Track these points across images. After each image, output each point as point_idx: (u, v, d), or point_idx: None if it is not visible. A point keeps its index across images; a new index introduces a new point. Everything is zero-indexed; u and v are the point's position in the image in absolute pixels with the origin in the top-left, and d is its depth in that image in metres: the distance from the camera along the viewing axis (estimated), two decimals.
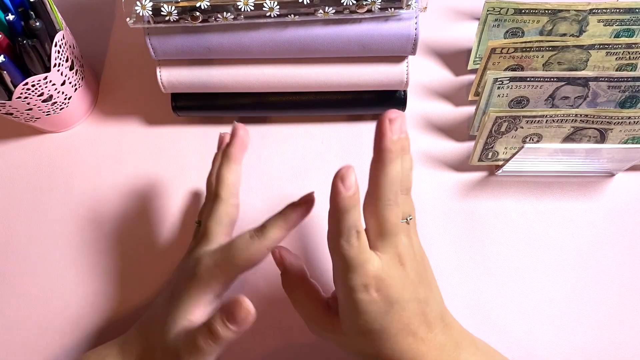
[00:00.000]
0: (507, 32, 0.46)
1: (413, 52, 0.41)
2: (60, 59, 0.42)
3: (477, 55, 0.48)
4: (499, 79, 0.41)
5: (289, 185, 0.47)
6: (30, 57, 0.40)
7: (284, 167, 0.48)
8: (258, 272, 0.44)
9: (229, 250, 0.34)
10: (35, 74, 0.41)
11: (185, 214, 0.47)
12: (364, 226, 0.31)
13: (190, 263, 0.35)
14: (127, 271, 0.45)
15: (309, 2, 0.37)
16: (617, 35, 0.46)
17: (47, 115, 0.46)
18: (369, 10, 0.38)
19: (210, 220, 0.36)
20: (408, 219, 0.33)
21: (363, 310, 0.30)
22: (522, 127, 0.43)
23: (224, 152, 0.37)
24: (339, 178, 0.29)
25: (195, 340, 0.31)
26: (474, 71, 0.50)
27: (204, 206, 0.40)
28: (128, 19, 0.38)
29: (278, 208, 0.46)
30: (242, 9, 0.38)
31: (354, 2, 0.38)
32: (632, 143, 0.44)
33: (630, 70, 0.45)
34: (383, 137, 0.30)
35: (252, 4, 0.37)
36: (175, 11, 0.37)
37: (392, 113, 0.30)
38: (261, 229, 0.34)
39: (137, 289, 0.44)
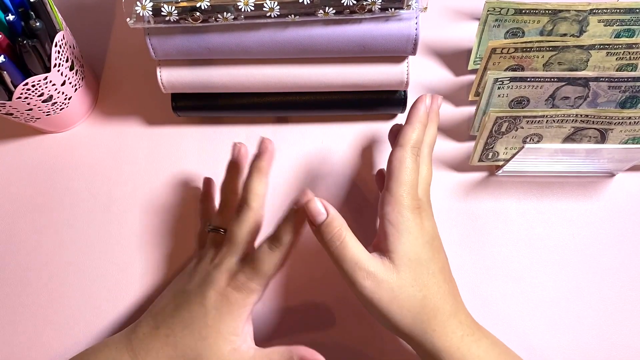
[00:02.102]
0: (507, 32, 0.46)
1: (413, 52, 0.41)
2: (61, 59, 0.42)
3: (478, 56, 0.48)
4: (499, 79, 0.41)
5: (289, 185, 0.47)
6: (30, 57, 0.40)
7: (283, 166, 0.48)
8: None
9: (256, 263, 0.35)
10: (35, 74, 0.41)
11: (185, 213, 0.46)
12: None
13: (214, 273, 0.36)
14: (126, 271, 0.45)
15: (309, 2, 0.37)
16: (617, 36, 0.46)
17: (47, 115, 0.46)
18: (370, 11, 0.38)
19: (240, 228, 0.37)
20: None
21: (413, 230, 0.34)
22: (523, 127, 0.42)
23: (254, 166, 0.38)
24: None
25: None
26: (474, 71, 0.50)
27: (220, 214, 0.41)
28: (128, 19, 0.38)
29: (278, 208, 0.46)
30: (243, 9, 0.37)
31: (355, 2, 0.38)
32: (633, 143, 0.44)
33: (631, 71, 0.45)
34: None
35: (253, 4, 0.37)
36: (176, 11, 0.37)
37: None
38: (276, 239, 0.35)
39: (132, 288, 0.44)
